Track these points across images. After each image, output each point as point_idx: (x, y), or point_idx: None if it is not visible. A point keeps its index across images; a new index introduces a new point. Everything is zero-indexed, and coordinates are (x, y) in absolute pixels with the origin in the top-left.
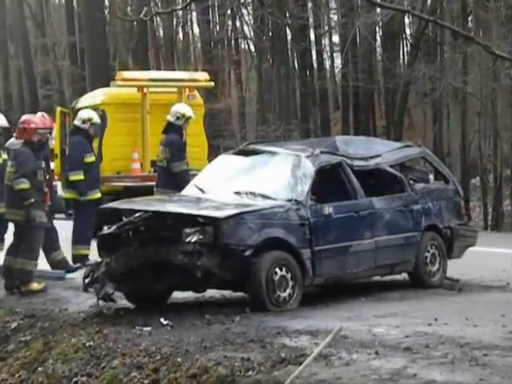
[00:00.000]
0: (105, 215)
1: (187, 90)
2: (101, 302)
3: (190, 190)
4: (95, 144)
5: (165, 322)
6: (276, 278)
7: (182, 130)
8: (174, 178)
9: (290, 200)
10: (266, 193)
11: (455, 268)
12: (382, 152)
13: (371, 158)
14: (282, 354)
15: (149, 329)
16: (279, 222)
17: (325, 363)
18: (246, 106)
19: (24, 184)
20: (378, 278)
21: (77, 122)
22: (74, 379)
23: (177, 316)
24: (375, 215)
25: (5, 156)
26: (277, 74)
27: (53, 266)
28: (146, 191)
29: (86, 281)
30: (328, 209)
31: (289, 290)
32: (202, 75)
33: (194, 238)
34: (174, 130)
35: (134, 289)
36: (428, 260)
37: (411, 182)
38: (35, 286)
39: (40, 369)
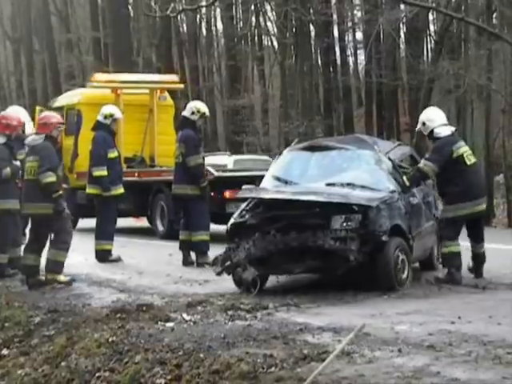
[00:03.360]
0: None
1: (158, 91)
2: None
3: (269, 182)
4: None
5: (187, 318)
6: (399, 260)
7: (196, 125)
8: (189, 172)
9: (393, 191)
10: (367, 184)
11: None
12: (387, 149)
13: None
14: (305, 350)
15: (171, 324)
16: (396, 211)
17: (347, 360)
18: (268, 102)
19: (51, 177)
20: None
21: (99, 118)
22: (97, 374)
23: (199, 312)
24: (420, 205)
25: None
26: (300, 70)
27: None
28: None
29: (218, 266)
30: (414, 199)
31: (406, 272)
32: (172, 77)
33: (344, 225)
34: (189, 125)
35: (266, 272)
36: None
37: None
38: (62, 277)
39: (63, 363)
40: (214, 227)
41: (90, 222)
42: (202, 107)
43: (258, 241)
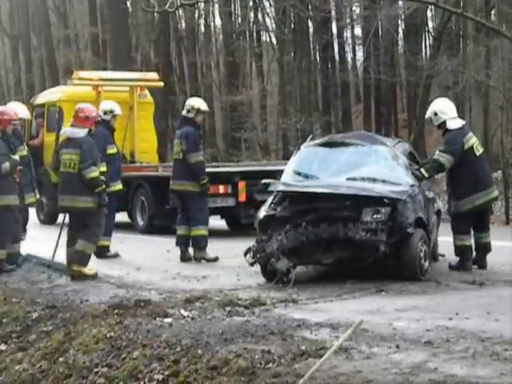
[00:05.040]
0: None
1: (138, 89)
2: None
3: (290, 177)
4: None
5: (185, 314)
6: (422, 251)
7: (195, 122)
8: (190, 169)
9: (412, 185)
10: (388, 179)
11: None
12: (390, 146)
13: None
14: (303, 346)
15: (169, 320)
16: (418, 204)
17: (345, 356)
18: (267, 99)
19: (95, 172)
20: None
21: (99, 114)
22: (95, 370)
23: (197, 308)
24: (432, 199)
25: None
26: (298, 66)
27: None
28: None
29: (252, 256)
30: (430, 193)
31: (427, 262)
32: (153, 75)
33: (374, 217)
34: (188, 123)
35: (298, 263)
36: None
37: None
38: (87, 270)
39: (61, 359)
40: None
41: None
42: (197, 103)
43: (290, 232)
